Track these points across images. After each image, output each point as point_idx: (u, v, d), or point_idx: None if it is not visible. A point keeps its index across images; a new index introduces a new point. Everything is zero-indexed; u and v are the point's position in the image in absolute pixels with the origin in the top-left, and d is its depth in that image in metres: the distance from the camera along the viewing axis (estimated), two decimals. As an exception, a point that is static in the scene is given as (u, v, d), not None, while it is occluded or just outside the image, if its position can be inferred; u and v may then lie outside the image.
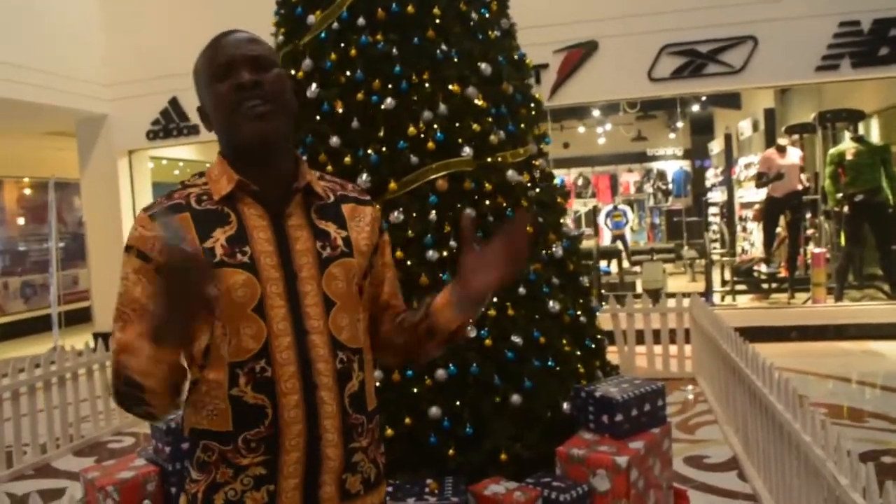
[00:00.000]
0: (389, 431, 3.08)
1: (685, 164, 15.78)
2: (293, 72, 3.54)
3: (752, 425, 3.69)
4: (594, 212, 13.58)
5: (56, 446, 4.80)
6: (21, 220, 12.16)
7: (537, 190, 3.74)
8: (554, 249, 3.62)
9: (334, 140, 3.37)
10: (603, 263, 10.88)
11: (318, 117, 3.43)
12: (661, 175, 16.28)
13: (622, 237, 12.82)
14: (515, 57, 3.87)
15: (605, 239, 13.04)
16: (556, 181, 12.85)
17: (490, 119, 3.52)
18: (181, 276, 1.14)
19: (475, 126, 3.40)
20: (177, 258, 1.14)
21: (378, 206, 1.56)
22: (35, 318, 11.33)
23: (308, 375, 1.31)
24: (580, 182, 16.42)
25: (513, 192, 3.51)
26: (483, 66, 3.52)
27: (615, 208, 13.16)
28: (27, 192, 12.21)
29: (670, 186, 15.81)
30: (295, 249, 1.34)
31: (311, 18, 3.53)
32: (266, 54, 1.37)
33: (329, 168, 3.35)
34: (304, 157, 3.35)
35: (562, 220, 3.87)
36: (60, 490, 4.16)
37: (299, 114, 3.43)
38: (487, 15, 3.70)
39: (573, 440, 3.12)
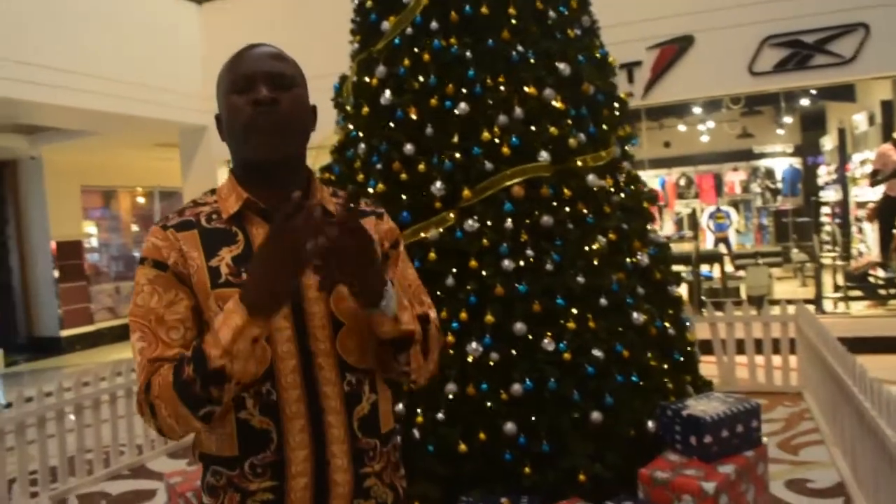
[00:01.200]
0: (463, 447, 2.99)
1: (795, 162, 14.95)
2: (367, 79, 3.51)
3: (860, 448, 3.37)
4: (693, 213, 13.04)
5: (151, 448, 4.96)
6: (135, 227, 12.83)
7: (622, 195, 3.56)
8: (639, 257, 3.43)
9: (408, 147, 3.31)
10: (704, 268, 10.43)
11: (391, 124, 3.38)
12: (769, 173, 15.49)
13: (725, 240, 12.24)
14: (598, 55, 3.70)
15: (708, 242, 12.50)
16: (657, 181, 12.42)
17: (569, 122, 3.38)
18: (291, 227, 1.12)
19: (553, 129, 3.27)
20: (288, 207, 1.11)
21: (391, 222, 1.50)
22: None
23: (314, 399, 1.27)
24: (682, 182, 15.85)
25: (594, 197, 3.35)
26: (562, 66, 3.38)
27: (718, 209, 12.58)
28: (140, 200, 12.86)
29: (779, 185, 15.02)
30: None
31: (386, 25, 3.49)
32: (288, 72, 1.34)
33: (403, 176, 3.30)
34: (379, 165, 3.36)
35: (649, 227, 3.67)
36: (152, 491, 4.30)
37: (374, 121, 3.43)
38: (567, 13, 3.55)
39: (658, 462, 2.93)
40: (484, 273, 3.12)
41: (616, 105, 3.74)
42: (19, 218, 10.98)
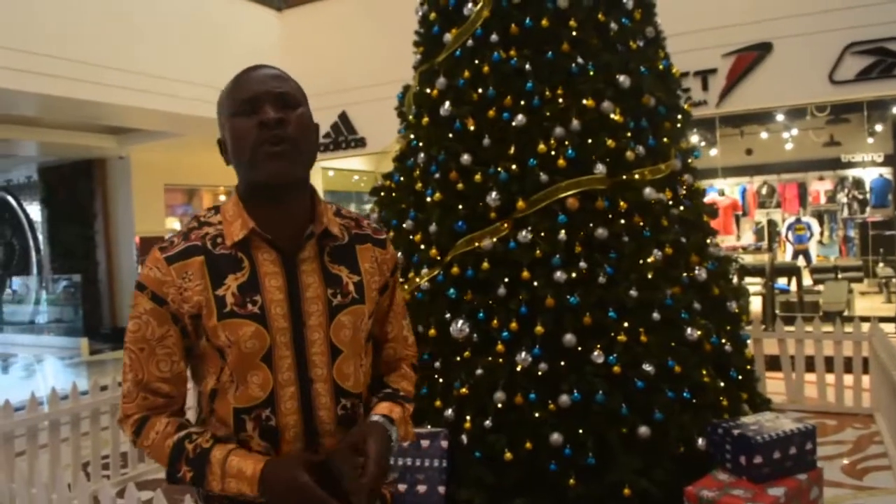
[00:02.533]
0: (508, 455, 3.02)
1: (886, 172, 14.31)
2: (428, 90, 3.58)
3: (926, 478, 3.24)
4: (769, 224, 12.63)
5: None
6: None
7: (681, 208, 3.53)
8: (697, 272, 3.39)
9: (465, 158, 3.36)
10: (781, 281, 10.11)
11: (450, 135, 3.44)
12: (857, 183, 14.87)
13: (805, 252, 11.82)
14: (661, 67, 3.67)
15: (788, 254, 12.10)
16: (737, 189, 12.10)
17: (628, 134, 3.37)
18: None
19: (610, 142, 3.27)
20: None
21: (392, 248, 1.52)
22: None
23: (311, 423, 1.32)
24: (764, 191, 15.38)
25: (651, 210, 3.33)
26: (622, 78, 3.37)
27: (798, 220, 12.16)
28: (221, 198, 13.35)
29: (867, 196, 14.40)
30: (305, 297, 1.32)
31: (448, 37, 3.56)
32: (292, 92, 1.33)
33: (460, 186, 3.36)
34: (437, 175, 3.42)
35: (709, 241, 3.62)
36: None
37: (433, 131, 3.51)
38: (629, 24, 3.54)
39: (706, 480, 2.89)
40: (536, 284, 3.15)
41: (679, 117, 3.70)
42: (107, 214, 11.56)
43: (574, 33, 3.37)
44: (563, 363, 3.07)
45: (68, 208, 11.81)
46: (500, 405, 3.10)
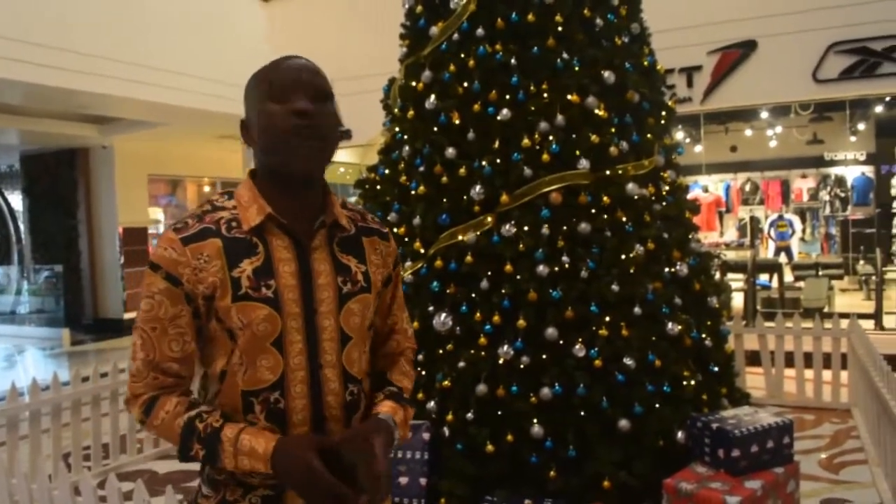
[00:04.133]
0: (490, 447, 3.04)
1: (868, 170, 14.44)
2: (413, 83, 3.59)
3: (900, 472, 3.30)
4: (752, 221, 12.72)
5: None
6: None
7: (663, 203, 3.55)
8: (678, 267, 3.42)
9: (450, 151, 3.37)
10: (763, 277, 10.20)
11: (435, 128, 3.44)
12: (840, 181, 15.00)
13: (787, 249, 11.92)
14: (645, 63, 3.69)
15: (770, 250, 12.19)
16: (721, 186, 12.17)
17: (612, 130, 3.38)
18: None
19: (594, 137, 3.29)
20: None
21: (394, 242, 1.55)
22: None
23: (318, 408, 1.34)
24: (748, 188, 15.48)
25: (634, 206, 3.35)
26: (606, 74, 3.39)
27: (780, 217, 12.26)
28: (206, 189, 13.27)
29: (849, 194, 14.53)
30: (317, 284, 1.35)
31: (434, 30, 3.56)
32: (325, 87, 1.35)
33: (444, 179, 3.37)
34: (421, 168, 3.43)
35: (690, 236, 3.65)
36: (197, 472, 4.47)
37: (418, 125, 3.51)
38: (615, 20, 3.55)
39: (684, 473, 2.93)
40: (518, 278, 3.17)
41: (662, 113, 3.72)
42: (89, 204, 11.47)
43: (560, 28, 3.38)
44: (544, 356, 3.09)
45: (50, 198, 11.71)
46: (482, 398, 3.11)
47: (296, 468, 1.23)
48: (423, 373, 3.29)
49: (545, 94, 3.33)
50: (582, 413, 3.04)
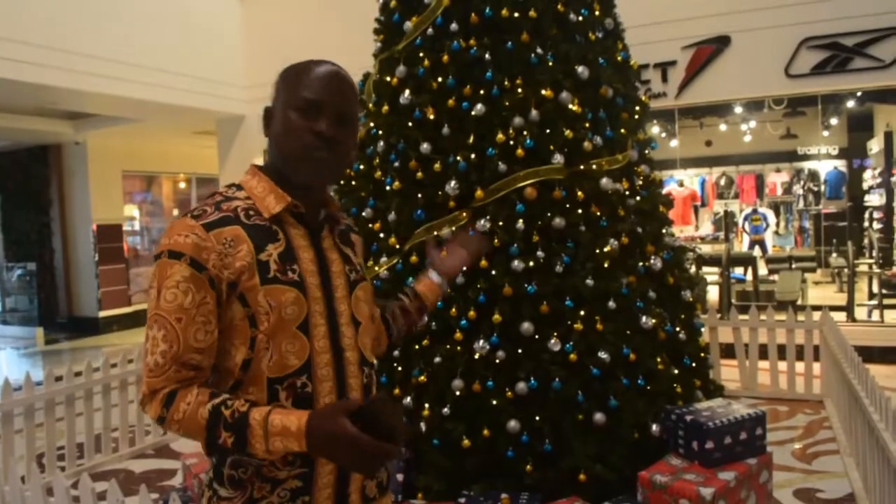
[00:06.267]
0: (466, 442, 3.05)
1: (840, 164, 14.62)
2: (388, 78, 3.57)
3: (869, 461, 3.35)
4: (726, 215, 12.85)
5: (177, 429, 5.12)
6: (175, 212, 13.12)
7: (637, 198, 3.57)
8: (652, 261, 3.44)
9: (425, 146, 3.36)
10: (738, 270, 10.30)
11: (409, 124, 3.43)
12: (813, 175, 15.18)
13: (761, 242, 12.06)
14: (619, 59, 3.71)
15: (745, 244, 12.32)
16: (697, 180, 12.24)
17: (586, 125, 3.39)
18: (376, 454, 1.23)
19: (568, 132, 3.29)
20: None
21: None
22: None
23: (343, 390, 1.39)
24: (723, 182, 15.62)
25: (608, 200, 3.37)
26: (580, 69, 3.40)
27: (754, 211, 12.39)
28: (181, 185, 13.15)
29: (822, 188, 14.70)
30: (332, 271, 1.42)
31: (408, 25, 3.54)
32: (352, 111, 1.40)
33: (419, 174, 3.36)
34: (396, 163, 3.42)
35: (664, 231, 3.68)
36: (174, 470, 4.44)
37: (393, 120, 3.49)
38: (588, 16, 3.56)
39: (659, 465, 2.96)
40: (494, 273, 3.17)
41: (637, 108, 3.74)
42: (63, 201, 11.32)
43: (533, 24, 3.38)
44: (520, 351, 3.10)
45: (23, 195, 11.54)
46: (458, 393, 3.12)
47: (334, 438, 1.21)
48: (399, 368, 3.30)
49: (519, 90, 3.33)
50: (558, 407, 3.06)
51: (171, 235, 1.30)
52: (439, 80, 3.40)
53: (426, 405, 3.16)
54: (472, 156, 3.28)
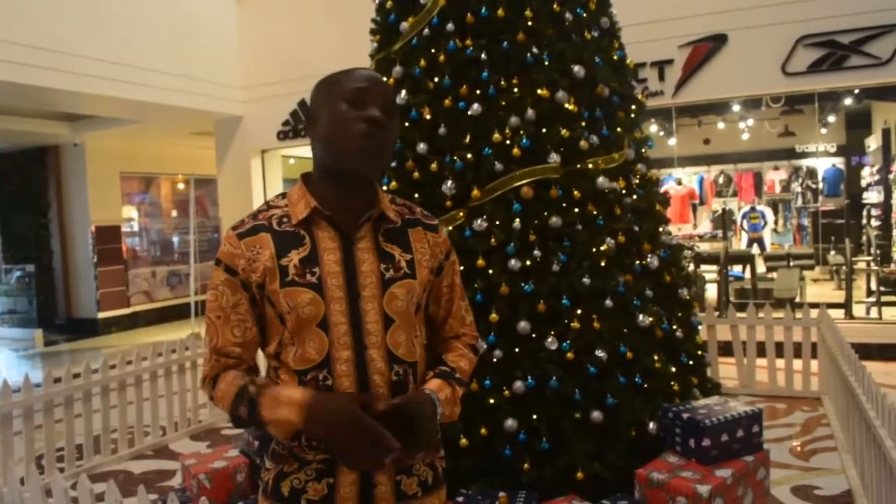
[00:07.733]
0: (464, 441, 3.06)
1: (838, 162, 14.63)
2: (384, 78, 3.57)
3: (866, 458, 3.36)
4: (725, 213, 12.86)
5: (175, 429, 5.12)
6: (174, 213, 13.12)
7: (634, 197, 3.58)
8: (649, 260, 3.45)
9: (421, 147, 3.37)
10: (736, 268, 10.31)
11: (406, 124, 3.44)
12: (811, 173, 15.19)
13: (760, 240, 12.07)
14: (615, 57, 3.71)
15: (744, 242, 12.33)
16: (695, 179, 12.22)
17: (582, 124, 3.40)
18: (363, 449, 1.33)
19: (564, 131, 3.30)
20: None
21: (445, 232, 1.65)
22: (179, 305, 12.19)
23: (364, 386, 1.44)
24: (721, 180, 15.63)
25: (604, 199, 3.38)
26: (576, 68, 3.40)
27: (753, 209, 12.39)
28: (180, 186, 13.14)
29: (820, 186, 14.72)
30: (360, 271, 1.47)
31: (404, 25, 3.55)
32: (393, 104, 1.48)
33: (416, 175, 3.37)
34: (393, 163, 3.43)
35: (661, 229, 3.68)
36: (173, 471, 4.45)
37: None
38: (584, 15, 3.57)
39: (656, 463, 2.96)
40: (491, 272, 3.18)
41: (633, 107, 3.75)
42: (61, 202, 11.33)
43: (529, 23, 3.39)
44: (517, 350, 3.11)
45: (21, 196, 11.54)
46: (455, 392, 3.12)
47: (334, 414, 1.33)
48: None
49: (515, 89, 3.34)
50: (555, 405, 3.06)
51: (222, 245, 1.50)
52: (435, 80, 3.41)
53: (424, 404, 3.16)
54: (469, 155, 3.29)
